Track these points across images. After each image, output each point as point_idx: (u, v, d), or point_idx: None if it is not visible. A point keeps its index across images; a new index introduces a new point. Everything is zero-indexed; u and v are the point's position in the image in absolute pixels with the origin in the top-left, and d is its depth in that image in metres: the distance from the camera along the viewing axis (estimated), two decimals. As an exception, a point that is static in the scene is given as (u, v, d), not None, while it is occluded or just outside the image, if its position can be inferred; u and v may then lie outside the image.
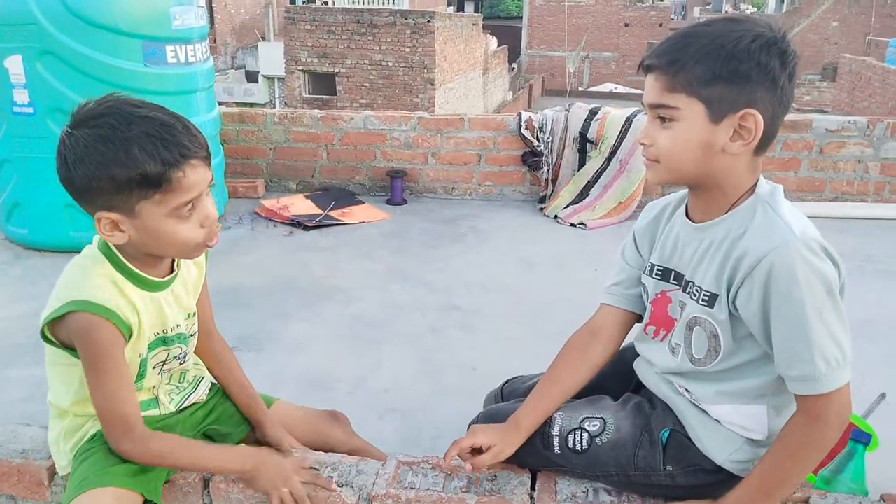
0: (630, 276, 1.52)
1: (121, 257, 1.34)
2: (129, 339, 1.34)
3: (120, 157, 1.19)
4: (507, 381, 1.78)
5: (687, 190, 1.38)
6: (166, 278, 1.41)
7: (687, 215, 1.38)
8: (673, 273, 1.40)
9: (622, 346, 1.64)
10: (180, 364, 1.50)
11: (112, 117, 1.21)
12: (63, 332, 1.31)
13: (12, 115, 3.39)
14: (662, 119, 1.25)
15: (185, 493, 1.50)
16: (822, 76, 18.70)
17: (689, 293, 1.35)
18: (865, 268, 3.54)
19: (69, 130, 1.23)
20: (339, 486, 1.46)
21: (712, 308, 1.29)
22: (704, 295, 1.30)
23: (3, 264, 3.56)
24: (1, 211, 3.76)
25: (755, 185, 1.28)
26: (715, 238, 1.29)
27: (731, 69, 1.18)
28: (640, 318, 1.54)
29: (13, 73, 3.31)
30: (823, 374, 1.17)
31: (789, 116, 4.72)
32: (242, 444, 1.59)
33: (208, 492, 1.50)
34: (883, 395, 1.84)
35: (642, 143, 1.30)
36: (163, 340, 1.43)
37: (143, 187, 1.21)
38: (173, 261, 1.44)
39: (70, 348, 1.33)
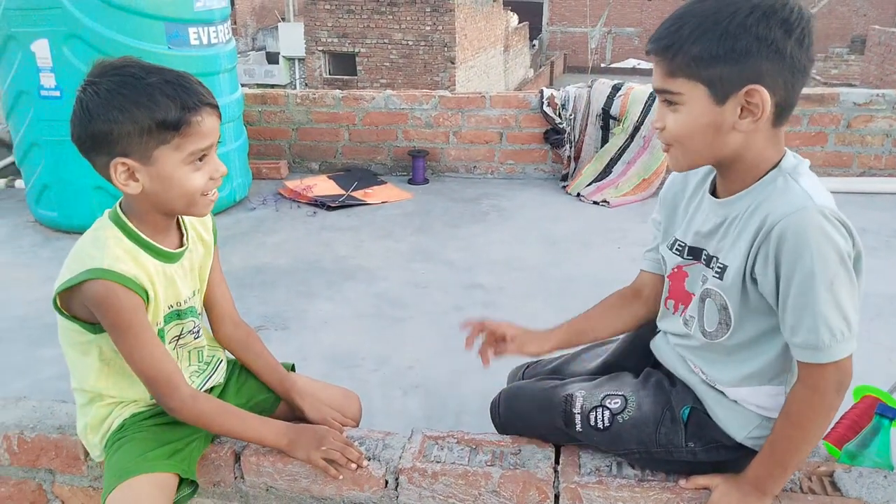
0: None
1: (133, 227, 1.35)
2: (148, 304, 1.36)
3: (143, 100, 1.24)
4: (528, 366, 1.80)
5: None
6: (177, 250, 1.43)
7: (713, 192, 1.37)
8: (694, 249, 1.39)
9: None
10: (195, 339, 1.52)
11: (132, 68, 1.28)
12: (77, 303, 1.34)
13: (40, 98, 3.45)
14: (669, 102, 1.23)
15: (217, 467, 1.54)
16: (850, 49, 18.30)
17: (712, 268, 1.35)
18: (892, 243, 3.50)
19: (89, 81, 1.27)
20: (366, 459, 1.49)
21: (722, 279, 1.29)
22: (718, 266, 1.30)
23: (34, 246, 3.63)
24: (30, 194, 3.84)
25: (781, 159, 1.26)
26: (738, 212, 1.28)
27: (729, 47, 1.14)
28: None
29: (40, 57, 3.36)
30: (827, 344, 1.17)
31: (815, 90, 4.58)
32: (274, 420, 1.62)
33: (239, 465, 1.53)
34: (909, 371, 1.83)
35: (657, 128, 1.29)
36: (177, 314, 1.45)
37: (163, 131, 1.26)
38: (181, 234, 1.46)
39: (82, 321, 1.36)
